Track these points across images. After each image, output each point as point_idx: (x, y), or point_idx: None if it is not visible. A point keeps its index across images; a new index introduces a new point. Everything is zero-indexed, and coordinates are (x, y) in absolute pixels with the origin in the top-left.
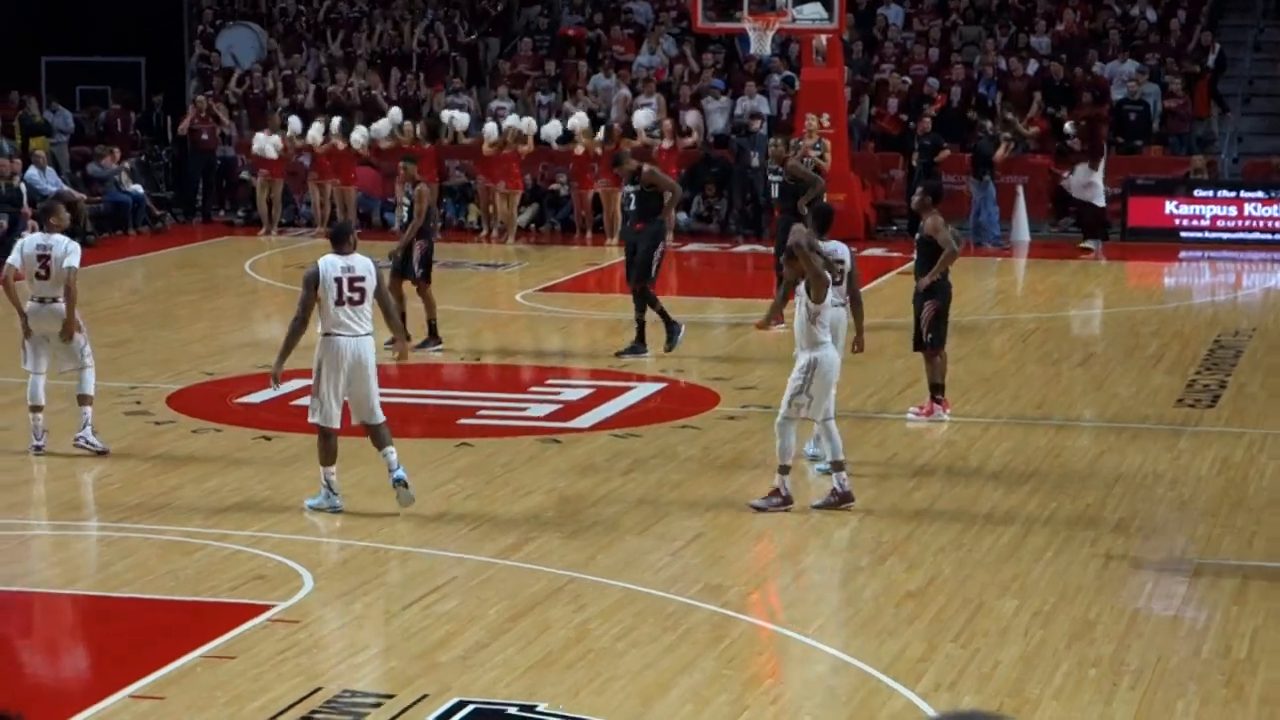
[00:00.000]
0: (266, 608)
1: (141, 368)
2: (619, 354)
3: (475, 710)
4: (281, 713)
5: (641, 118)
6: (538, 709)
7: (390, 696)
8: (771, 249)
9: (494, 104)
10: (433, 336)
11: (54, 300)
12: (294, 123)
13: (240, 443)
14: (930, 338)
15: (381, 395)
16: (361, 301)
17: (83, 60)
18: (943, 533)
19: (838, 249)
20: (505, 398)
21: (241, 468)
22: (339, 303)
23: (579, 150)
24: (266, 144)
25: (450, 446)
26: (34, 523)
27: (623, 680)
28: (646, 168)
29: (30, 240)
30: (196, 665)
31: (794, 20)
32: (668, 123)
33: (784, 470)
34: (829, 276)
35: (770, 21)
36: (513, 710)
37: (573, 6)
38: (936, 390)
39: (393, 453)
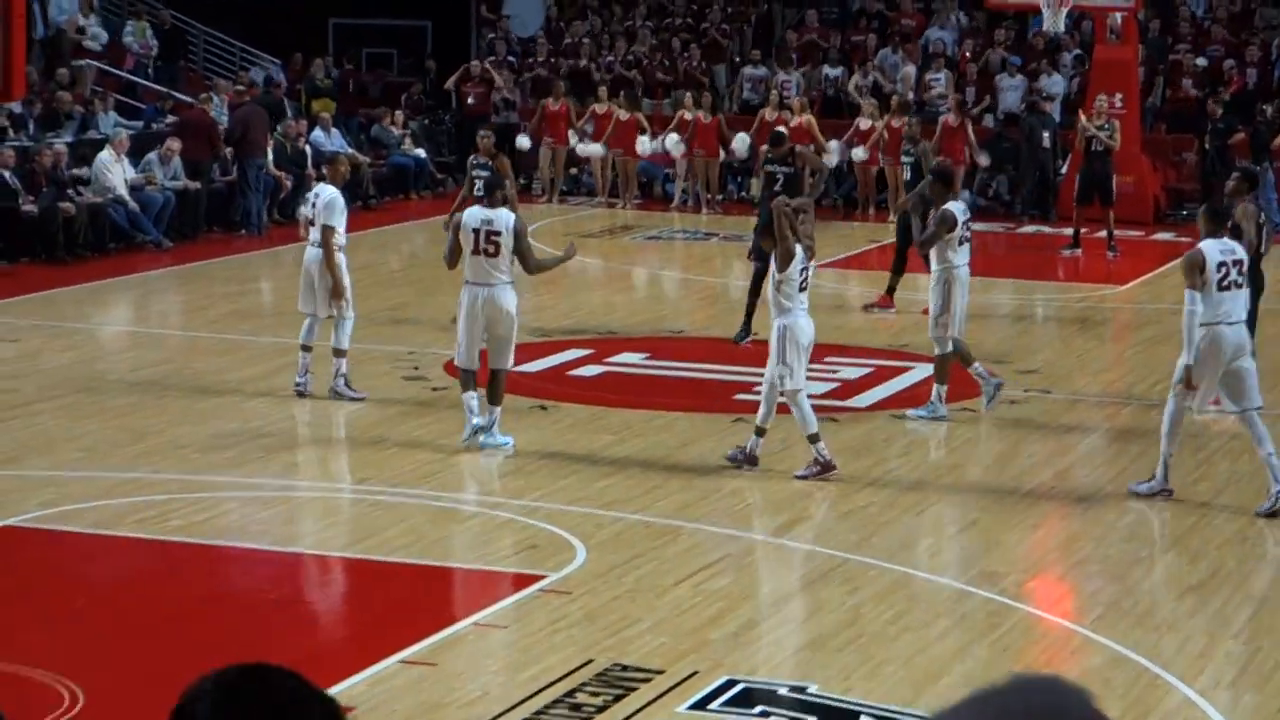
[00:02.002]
0: (539, 578)
1: (421, 333)
2: (736, 339)
3: (745, 689)
4: (552, 683)
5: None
6: (808, 690)
7: (660, 672)
8: (1059, 229)
9: (779, 77)
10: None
11: (316, 245)
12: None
13: (516, 410)
14: None
15: (663, 368)
16: (496, 254)
17: (369, 23)
18: (1227, 525)
19: (955, 206)
20: None
21: (517, 436)
22: (475, 252)
23: (864, 125)
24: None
25: (726, 421)
26: (310, 484)
27: (894, 665)
28: (799, 147)
29: (314, 191)
30: (468, 633)
31: None
32: (955, 98)
33: (813, 439)
34: (796, 248)
35: None
36: (783, 690)
37: None
38: None
39: (496, 411)
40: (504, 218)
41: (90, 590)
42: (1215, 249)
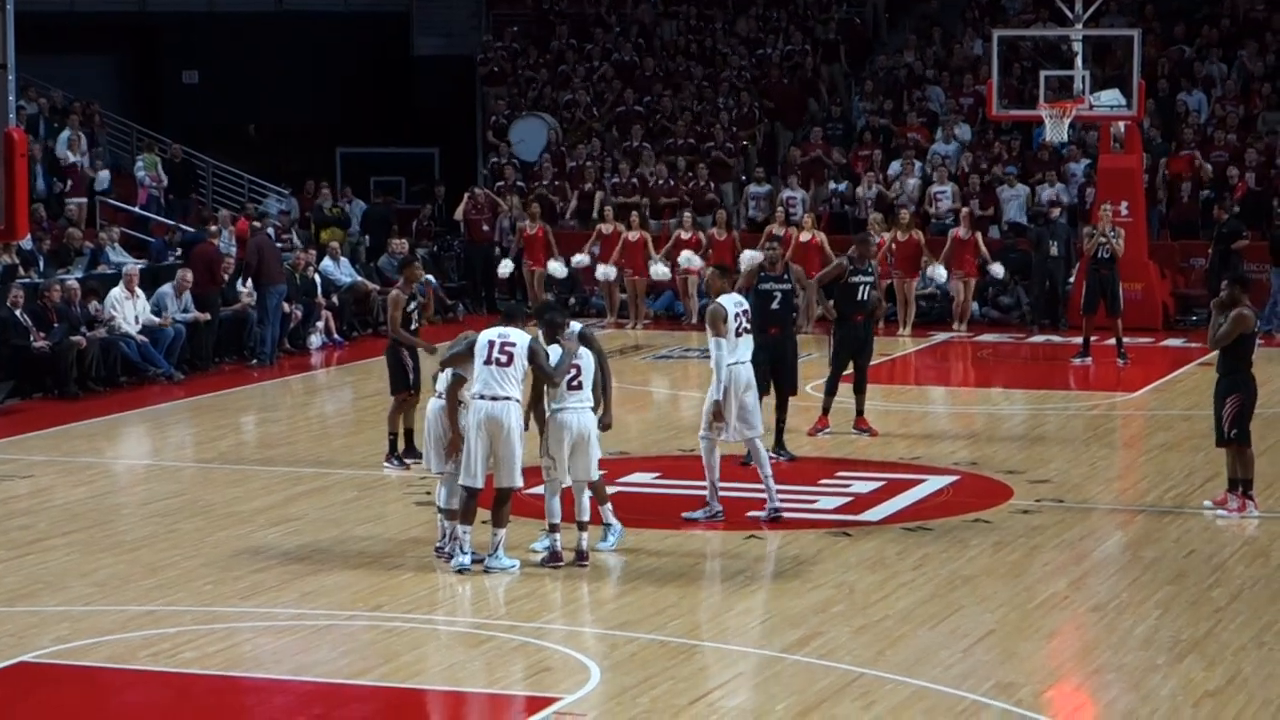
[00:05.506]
0: (553, 700)
1: None
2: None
3: None
4: None
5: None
6: None
7: None
8: (1069, 338)
9: (785, 193)
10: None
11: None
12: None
13: (528, 532)
14: (1234, 433)
15: (675, 487)
16: (508, 364)
17: (376, 151)
18: (1243, 630)
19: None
20: (795, 490)
21: (529, 558)
22: (486, 363)
23: (874, 239)
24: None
25: (739, 539)
26: (324, 612)
27: None
28: (793, 264)
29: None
30: None
31: (1091, 107)
32: (964, 210)
33: (552, 529)
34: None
35: (1067, 109)
36: None
37: (865, 94)
38: (1243, 485)
39: (500, 534)
40: (522, 335)
41: None
42: (730, 302)
